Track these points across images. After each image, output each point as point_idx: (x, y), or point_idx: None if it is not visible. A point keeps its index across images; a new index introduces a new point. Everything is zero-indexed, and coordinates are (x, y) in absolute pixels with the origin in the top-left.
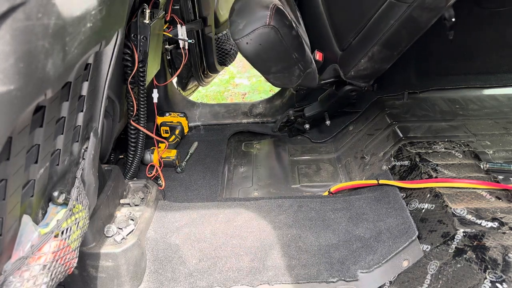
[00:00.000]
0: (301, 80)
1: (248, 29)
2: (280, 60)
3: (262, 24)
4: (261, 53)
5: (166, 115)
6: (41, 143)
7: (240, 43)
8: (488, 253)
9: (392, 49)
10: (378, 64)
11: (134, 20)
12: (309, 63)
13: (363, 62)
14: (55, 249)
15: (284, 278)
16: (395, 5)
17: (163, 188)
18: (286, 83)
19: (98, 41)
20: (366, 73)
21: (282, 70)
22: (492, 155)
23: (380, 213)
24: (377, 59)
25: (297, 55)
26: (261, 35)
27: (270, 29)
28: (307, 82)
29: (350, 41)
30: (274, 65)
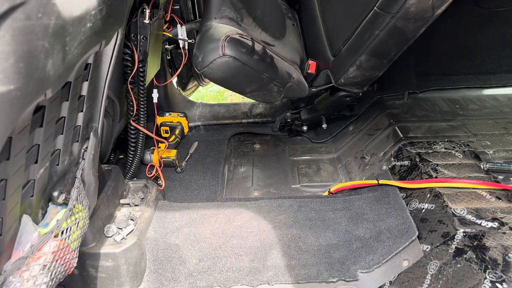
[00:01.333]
0: (284, 94)
1: (206, 61)
2: (251, 81)
3: (217, 56)
4: (228, 79)
5: (166, 115)
6: (41, 143)
7: (204, 73)
8: (488, 253)
9: (380, 58)
10: (368, 72)
11: (134, 20)
12: (287, 78)
13: (352, 70)
14: (55, 249)
15: (284, 278)
16: (380, 15)
17: (163, 188)
18: (268, 99)
19: (98, 41)
20: (357, 80)
21: (258, 89)
22: (492, 155)
23: (380, 213)
24: (366, 68)
25: (268, 75)
26: (220, 64)
27: (228, 58)
28: (293, 95)
29: (340, 47)
30: (247, 86)
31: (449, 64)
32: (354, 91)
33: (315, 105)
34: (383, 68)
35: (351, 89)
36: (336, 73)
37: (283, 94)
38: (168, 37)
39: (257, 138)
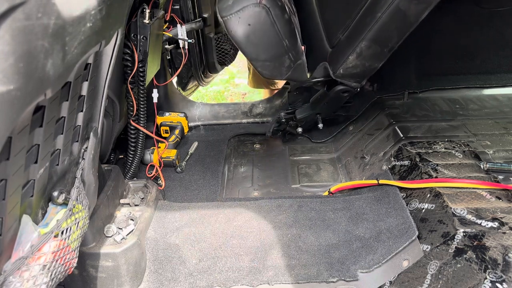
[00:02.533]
0: (291, 72)
1: (238, 6)
2: (270, 46)
3: (252, 2)
4: (250, 35)
5: (166, 115)
6: (41, 143)
7: (228, 21)
8: (488, 253)
9: (381, 45)
10: (368, 62)
11: (134, 20)
12: (300, 54)
13: (352, 59)
14: (55, 249)
15: (284, 278)
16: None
17: (163, 188)
18: (275, 74)
19: (98, 41)
20: (356, 71)
21: (272, 58)
22: (492, 155)
23: (380, 213)
24: (366, 56)
25: (288, 43)
26: (251, 14)
27: (261, 8)
28: (297, 75)
29: (339, 37)
30: (264, 52)
31: (449, 64)
32: (352, 84)
33: (310, 104)
34: (383, 58)
35: (349, 82)
36: (334, 63)
37: (290, 73)
38: (168, 37)
39: (257, 138)
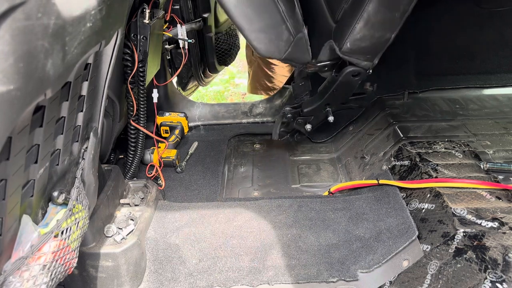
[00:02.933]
0: (291, 48)
1: None
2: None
3: None
4: None
5: (166, 115)
6: (41, 143)
7: None
8: (488, 253)
9: (391, 9)
10: (378, 32)
11: (134, 20)
12: (300, 26)
13: (359, 28)
14: (55, 249)
15: (284, 278)
16: None
17: (163, 188)
18: (272, 51)
19: (98, 41)
20: (365, 44)
21: (267, 28)
22: (492, 155)
23: (380, 213)
24: (375, 24)
25: (285, 9)
26: None
27: None
28: (298, 54)
29: (343, 7)
30: (258, 19)
31: (449, 64)
32: (362, 63)
33: (318, 94)
34: (395, 26)
35: (359, 60)
36: (340, 38)
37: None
38: (168, 37)
39: (257, 138)
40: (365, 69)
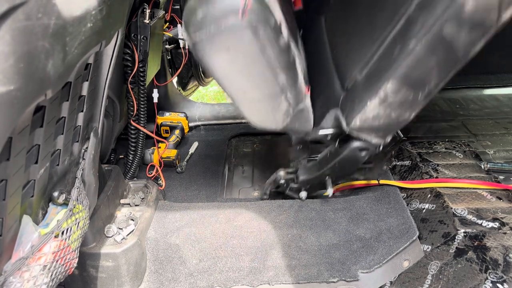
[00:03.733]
0: (290, 120)
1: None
2: (259, 82)
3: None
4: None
5: (166, 115)
6: (41, 143)
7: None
8: (489, 253)
9: (414, 88)
10: (396, 111)
11: (134, 20)
12: (302, 96)
13: (372, 106)
14: (55, 249)
15: (284, 278)
16: (417, 18)
17: (163, 188)
18: (268, 122)
19: (99, 41)
20: (378, 124)
21: (263, 99)
22: (492, 155)
23: (381, 213)
24: (392, 103)
25: (284, 80)
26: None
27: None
28: (298, 125)
29: (355, 77)
30: (251, 89)
31: None
32: (372, 141)
33: (318, 162)
34: (416, 106)
35: (368, 137)
36: (349, 111)
37: (288, 121)
38: (168, 37)
39: (258, 138)
40: (374, 146)
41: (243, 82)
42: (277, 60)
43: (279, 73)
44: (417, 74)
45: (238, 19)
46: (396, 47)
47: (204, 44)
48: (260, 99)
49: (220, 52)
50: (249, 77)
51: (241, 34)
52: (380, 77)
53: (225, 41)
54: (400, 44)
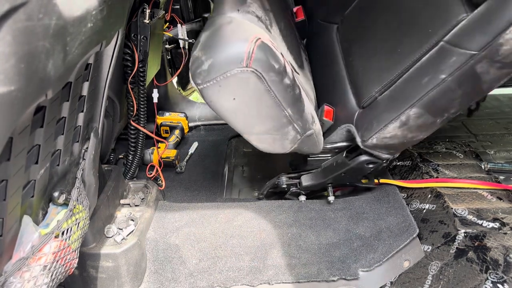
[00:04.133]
0: (298, 145)
1: (216, 72)
2: (266, 117)
3: (236, 66)
4: (238, 107)
5: (166, 115)
6: (41, 143)
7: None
8: (489, 253)
9: (435, 115)
10: (412, 133)
11: (134, 20)
12: (310, 123)
13: (392, 128)
14: (55, 249)
15: (284, 277)
16: (451, 52)
17: (163, 188)
18: (275, 148)
19: (99, 41)
20: (393, 143)
21: (270, 130)
22: (493, 155)
23: (380, 212)
24: (412, 126)
25: (291, 113)
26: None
27: (250, 73)
28: (306, 149)
29: (374, 96)
30: (259, 124)
31: None
32: (383, 156)
33: (321, 171)
34: (431, 130)
35: (380, 153)
36: (365, 130)
37: (296, 145)
38: (168, 37)
39: None
40: (383, 160)
41: (250, 119)
42: (282, 97)
43: (285, 108)
44: (441, 103)
45: (243, 67)
46: (426, 76)
47: (212, 90)
48: (268, 131)
49: (227, 96)
50: (255, 115)
51: (246, 81)
52: (404, 102)
53: (231, 87)
54: (431, 74)
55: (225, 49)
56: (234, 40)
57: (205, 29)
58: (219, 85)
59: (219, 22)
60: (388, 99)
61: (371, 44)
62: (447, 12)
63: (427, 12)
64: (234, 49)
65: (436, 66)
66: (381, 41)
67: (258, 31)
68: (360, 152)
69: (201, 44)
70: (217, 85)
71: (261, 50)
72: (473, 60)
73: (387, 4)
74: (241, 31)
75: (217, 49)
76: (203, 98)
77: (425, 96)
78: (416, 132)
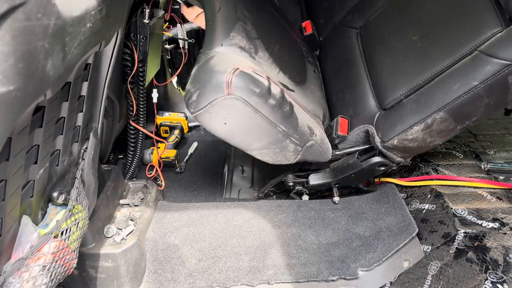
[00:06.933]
0: (302, 155)
1: (204, 102)
2: (261, 134)
3: (220, 94)
4: (232, 128)
5: (165, 115)
6: (40, 143)
7: (199, 116)
8: (489, 253)
9: (458, 121)
10: (432, 138)
11: (134, 19)
12: (308, 135)
13: (416, 129)
14: (54, 249)
15: (284, 277)
16: (486, 61)
17: (162, 188)
18: (280, 160)
19: (98, 41)
20: (411, 145)
21: (269, 145)
22: (493, 155)
23: (380, 212)
24: (433, 130)
25: (284, 129)
26: (222, 108)
27: (233, 99)
28: (313, 157)
29: (399, 98)
30: (256, 141)
31: None
32: (396, 159)
33: (330, 171)
34: (449, 136)
35: (395, 156)
36: (387, 130)
37: (300, 156)
38: (168, 37)
39: None
40: (395, 163)
41: (246, 138)
42: (272, 116)
43: (278, 125)
44: (467, 110)
45: (226, 95)
46: (458, 82)
47: (204, 117)
48: (266, 146)
49: (219, 121)
50: (250, 133)
51: (232, 106)
52: (432, 105)
53: (220, 112)
54: (463, 80)
55: (209, 81)
56: (215, 72)
57: (195, 65)
58: (209, 112)
59: (204, 58)
60: (415, 102)
61: (398, 49)
62: (481, 23)
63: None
64: (215, 80)
65: (469, 73)
66: (409, 44)
67: (238, 61)
68: (374, 154)
69: (191, 78)
70: (207, 112)
71: (240, 78)
72: (507, 69)
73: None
74: (221, 63)
75: (202, 81)
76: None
77: (455, 101)
78: (435, 137)
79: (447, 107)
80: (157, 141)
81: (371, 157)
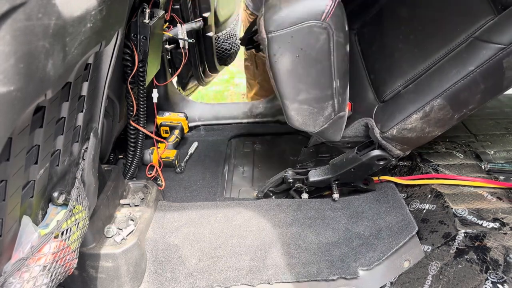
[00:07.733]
0: (328, 125)
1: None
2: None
3: (315, 18)
4: (296, 67)
5: (166, 115)
6: (41, 143)
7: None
8: (489, 253)
9: (455, 109)
10: (430, 127)
11: (134, 19)
12: (345, 105)
13: (414, 118)
14: (55, 250)
15: (284, 277)
16: (482, 46)
17: (162, 188)
18: (307, 124)
19: (98, 41)
20: (410, 136)
21: (312, 101)
22: (493, 156)
23: (380, 212)
24: (432, 119)
25: (338, 85)
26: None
27: (323, 29)
28: (331, 132)
29: (397, 90)
30: (305, 91)
31: None
32: (395, 152)
33: (330, 166)
34: (447, 126)
35: (394, 148)
36: (386, 120)
37: (327, 125)
38: (168, 37)
39: (258, 138)
40: (394, 156)
41: (300, 83)
42: (338, 66)
43: (335, 79)
44: (464, 96)
45: (320, 21)
46: (454, 69)
47: (282, 40)
48: (310, 101)
49: (294, 50)
50: (308, 78)
51: (317, 37)
52: (429, 93)
53: (302, 40)
54: (460, 67)
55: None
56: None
57: None
58: (291, 36)
59: None
60: (413, 91)
61: (394, 43)
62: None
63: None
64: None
65: (465, 59)
66: (404, 40)
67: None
68: (373, 147)
69: None
70: (288, 36)
71: (339, 8)
72: (502, 53)
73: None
74: None
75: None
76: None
77: (451, 87)
78: (433, 127)
79: (444, 93)
80: (157, 141)
81: (370, 151)
